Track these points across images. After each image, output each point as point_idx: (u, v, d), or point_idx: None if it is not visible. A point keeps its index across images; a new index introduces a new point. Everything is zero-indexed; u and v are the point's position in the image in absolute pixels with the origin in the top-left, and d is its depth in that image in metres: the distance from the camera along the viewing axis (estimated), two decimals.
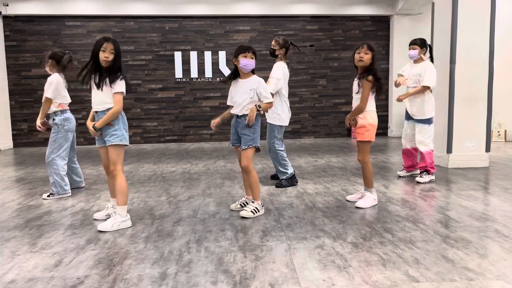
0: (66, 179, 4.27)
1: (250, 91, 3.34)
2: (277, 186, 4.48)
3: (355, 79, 3.60)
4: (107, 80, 3.08)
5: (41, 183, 4.98)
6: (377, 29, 10.23)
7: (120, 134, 3.12)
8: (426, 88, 4.57)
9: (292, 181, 4.54)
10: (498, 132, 8.74)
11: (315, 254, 2.50)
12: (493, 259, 2.39)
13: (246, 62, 3.30)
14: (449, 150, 5.53)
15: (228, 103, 3.58)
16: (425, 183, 4.54)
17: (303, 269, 2.29)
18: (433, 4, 5.95)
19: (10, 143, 9.47)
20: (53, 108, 4.24)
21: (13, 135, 9.59)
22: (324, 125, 10.30)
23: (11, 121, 9.54)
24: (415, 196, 3.96)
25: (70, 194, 4.29)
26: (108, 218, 3.24)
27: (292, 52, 4.61)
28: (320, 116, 10.28)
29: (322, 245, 2.66)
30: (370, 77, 3.43)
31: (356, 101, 3.58)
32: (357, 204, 3.61)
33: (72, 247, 2.71)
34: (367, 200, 3.63)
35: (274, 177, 4.85)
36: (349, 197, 3.88)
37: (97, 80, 3.11)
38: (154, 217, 3.42)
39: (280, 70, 4.44)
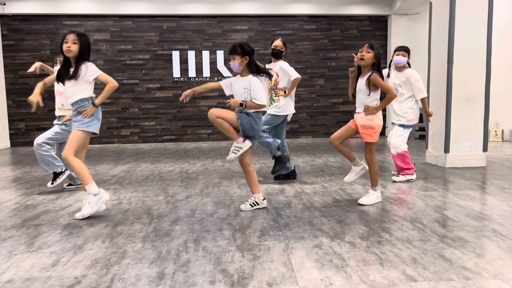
0: (58, 159, 4.41)
1: (245, 90, 3.40)
2: (275, 178, 4.76)
3: (359, 78, 3.62)
4: (80, 71, 3.21)
5: (38, 183, 4.97)
6: (375, 29, 10.24)
7: (89, 122, 3.28)
8: (424, 99, 4.65)
9: (290, 175, 4.81)
10: (495, 132, 8.77)
11: (313, 254, 2.50)
12: (490, 258, 2.40)
13: (232, 64, 3.43)
14: (446, 149, 5.55)
15: (221, 82, 3.58)
16: (401, 182, 4.61)
17: (301, 268, 2.29)
18: (430, 4, 5.96)
19: (7, 143, 9.44)
20: (65, 112, 4.50)
21: (10, 134, 9.56)
22: (322, 124, 10.31)
23: (8, 121, 9.52)
24: (413, 196, 3.97)
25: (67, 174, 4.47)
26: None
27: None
28: (318, 116, 10.29)
29: (320, 244, 2.66)
30: (374, 74, 3.48)
31: (362, 100, 3.60)
32: (360, 201, 3.67)
33: (70, 247, 2.71)
34: (370, 197, 3.70)
35: (278, 177, 4.83)
36: (347, 179, 3.83)
37: (69, 73, 3.21)
38: (152, 216, 3.41)
39: (292, 68, 4.73)
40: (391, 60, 4.81)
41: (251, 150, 3.50)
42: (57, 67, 4.55)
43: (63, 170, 4.42)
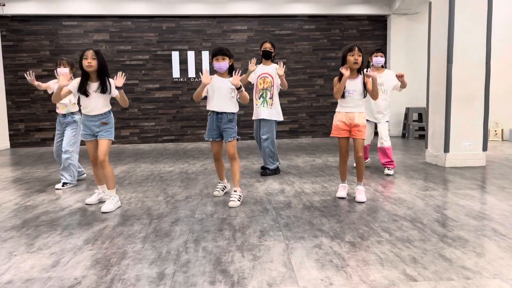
0: (81, 167, 5.04)
1: (231, 90, 3.78)
2: (262, 174, 5.16)
3: (349, 80, 3.71)
4: (107, 86, 3.60)
5: (38, 183, 4.97)
6: (374, 29, 10.24)
7: (112, 131, 3.75)
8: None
9: (275, 171, 5.20)
10: (495, 131, 8.77)
11: (313, 254, 2.50)
12: (490, 257, 2.40)
13: (218, 65, 3.75)
14: (446, 149, 5.55)
15: (204, 88, 3.79)
16: (393, 174, 5.06)
17: (301, 268, 2.29)
18: (430, 3, 5.96)
19: (7, 143, 9.44)
20: (71, 109, 4.77)
21: (10, 135, 9.56)
22: (321, 124, 10.31)
23: (8, 121, 9.51)
24: (412, 195, 3.97)
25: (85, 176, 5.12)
26: (101, 202, 3.91)
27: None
28: (318, 116, 10.29)
29: (320, 244, 2.66)
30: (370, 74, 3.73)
31: (356, 100, 3.73)
32: (360, 199, 3.74)
33: (70, 248, 2.71)
34: (363, 193, 3.82)
35: (266, 173, 5.24)
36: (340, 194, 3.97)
37: (98, 88, 3.58)
38: (152, 217, 3.41)
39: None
40: (368, 62, 5.15)
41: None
42: (61, 69, 4.67)
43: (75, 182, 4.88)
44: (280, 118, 5.07)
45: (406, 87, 5.07)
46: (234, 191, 3.84)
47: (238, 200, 3.75)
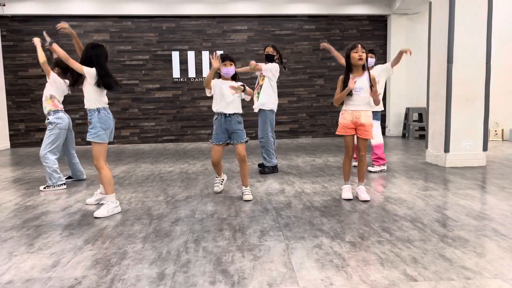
0: (59, 173, 4.66)
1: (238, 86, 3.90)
2: (260, 172, 5.31)
3: (358, 77, 3.71)
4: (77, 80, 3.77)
5: (38, 184, 4.97)
6: (374, 29, 10.24)
7: (94, 132, 3.49)
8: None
9: (273, 169, 5.32)
10: (495, 131, 8.77)
11: (313, 254, 2.50)
12: (490, 257, 2.40)
13: (226, 70, 3.92)
14: (446, 149, 5.55)
15: (213, 81, 3.97)
16: (376, 172, 5.17)
17: (301, 268, 2.29)
18: (430, 3, 5.96)
19: (7, 144, 9.44)
20: (48, 107, 4.69)
21: (10, 135, 9.55)
22: (321, 124, 10.31)
23: (8, 122, 9.51)
24: (413, 195, 3.97)
25: (65, 187, 4.66)
26: (99, 203, 3.81)
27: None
28: (318, 116, 10.28)
29: (320, 244, 2.66)
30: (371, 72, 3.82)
31: (364, 97, 3.75)
32: (365, 198, 3.77)
33: (70, 248, 2.71)
34: (365, 192, 3.85)
35: (264, 171, 5.34)
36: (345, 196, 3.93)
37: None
38: (152, 217, 3.41)
39: (275, 66, 5.26)
40: None
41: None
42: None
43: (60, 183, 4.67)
44: (270, 107, 5.21)
45: (378, 90, 4.74)
46: (245, 187, 4.04)
47: (251, 194, 4.02)
